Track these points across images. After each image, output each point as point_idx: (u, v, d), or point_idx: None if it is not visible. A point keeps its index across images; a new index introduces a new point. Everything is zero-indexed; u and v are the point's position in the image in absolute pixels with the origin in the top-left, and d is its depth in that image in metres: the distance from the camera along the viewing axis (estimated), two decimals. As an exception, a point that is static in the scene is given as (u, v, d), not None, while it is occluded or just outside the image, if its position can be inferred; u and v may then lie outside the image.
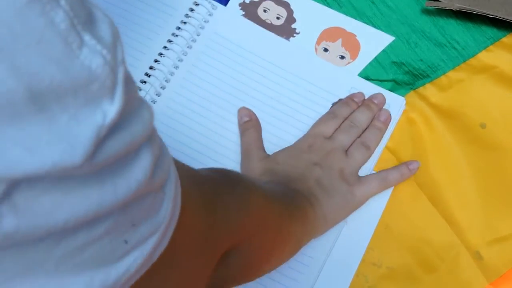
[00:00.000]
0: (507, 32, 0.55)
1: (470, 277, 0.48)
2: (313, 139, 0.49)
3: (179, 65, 0.52)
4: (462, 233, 0.50)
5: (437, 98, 0.53)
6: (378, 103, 0.51)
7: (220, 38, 0.53)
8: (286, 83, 0.53)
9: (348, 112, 0.50)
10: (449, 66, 0.54)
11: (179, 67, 0.52)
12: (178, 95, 0.52)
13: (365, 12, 0.55)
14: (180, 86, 0.52)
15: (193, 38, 0.53)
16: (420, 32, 0.55)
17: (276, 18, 0.55)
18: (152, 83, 0.52)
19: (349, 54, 0.54)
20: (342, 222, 0.48)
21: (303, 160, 0.48)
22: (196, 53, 0.53)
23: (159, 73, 0.52)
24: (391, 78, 0.54)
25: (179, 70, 0.52)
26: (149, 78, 0.52)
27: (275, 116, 0.52)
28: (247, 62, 0.53)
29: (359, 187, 0.48)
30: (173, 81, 0.52)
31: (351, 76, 0.53)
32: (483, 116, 0.53)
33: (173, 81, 0.52)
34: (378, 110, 0.51)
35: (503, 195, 0.51)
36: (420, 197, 0.51)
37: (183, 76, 0.52)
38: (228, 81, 0.52)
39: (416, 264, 0.49)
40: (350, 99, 0.51)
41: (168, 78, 0.52)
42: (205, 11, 0.54)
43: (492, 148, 0.52)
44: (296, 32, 0.54)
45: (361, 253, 0.49)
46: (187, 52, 0.53)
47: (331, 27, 0.54)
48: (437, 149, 0.52)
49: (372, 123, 0.51)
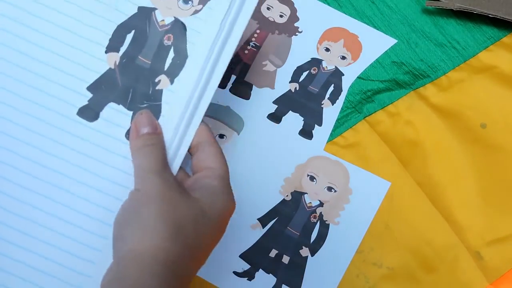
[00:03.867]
0: (507, 32, 0.55)
1: (470, 277, 0.49)
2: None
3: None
4: (462, 233, 0.50)
5: (437, 98, 0.53)
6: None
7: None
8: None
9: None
10: (449, 66, 0.54)
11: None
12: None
13: (365, 12, 0.55)
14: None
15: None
16: (420, 32, 0.55)
17: (279, 16, 0.55)
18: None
19: (351, 55, 0.54)
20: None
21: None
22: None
23: None
24: (391, 78, 0.54)
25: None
26: None
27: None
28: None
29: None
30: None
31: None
32: (483, 116, 0.53)
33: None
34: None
35: (503, 195, 0.51)
36: (420, 197, 0.51)
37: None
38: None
39: (416, 264, 0.49)
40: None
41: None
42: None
43: (492, 148, 0.52)
44: (298, 30, 0.55)
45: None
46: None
47: (334, 27, 0.54)
48: (437, 149, 0.52)
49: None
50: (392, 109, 0.53)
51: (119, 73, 0.37)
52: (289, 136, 0.52)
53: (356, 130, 0.52)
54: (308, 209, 0.50)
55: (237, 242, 0.49)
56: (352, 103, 0.53)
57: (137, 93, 0.37)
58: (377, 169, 0.51)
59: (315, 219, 0.50)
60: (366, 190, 0.51)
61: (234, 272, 0.49)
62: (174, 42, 0.37)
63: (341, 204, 0.50)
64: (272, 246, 0.50)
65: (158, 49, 0.37)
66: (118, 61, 0.37)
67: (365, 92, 0.53)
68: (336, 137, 0.52)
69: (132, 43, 0.37)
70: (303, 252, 0.50)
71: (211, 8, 0.37)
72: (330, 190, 0.51)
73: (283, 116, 0.52)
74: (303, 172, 0.51)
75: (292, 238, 0.50)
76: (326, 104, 0.53)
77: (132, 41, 0.37)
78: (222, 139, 0.51)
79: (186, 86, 0.37)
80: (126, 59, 0.37)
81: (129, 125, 0.37)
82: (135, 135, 0.36)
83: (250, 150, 0.51)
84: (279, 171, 0.51)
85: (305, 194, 0.51)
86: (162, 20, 0.37)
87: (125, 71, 0.37)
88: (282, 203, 0.50)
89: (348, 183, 0.51)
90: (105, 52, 0.37)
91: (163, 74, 0.37)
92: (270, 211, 0.50)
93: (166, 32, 0.37)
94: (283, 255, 0.50)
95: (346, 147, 0.52)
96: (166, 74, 0.37)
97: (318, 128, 0.52)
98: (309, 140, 0.52)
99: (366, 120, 0.53)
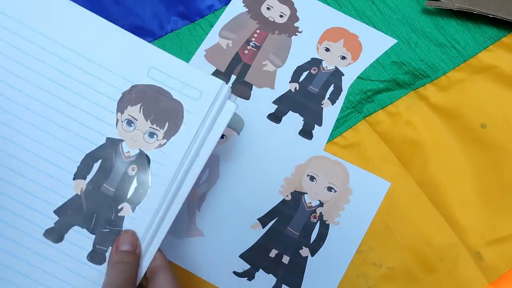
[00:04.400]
0: (507, 32, 0.55)
1: (470, 277, 0.49)
2: None
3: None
4: (462, 233, 0.50)
5: (437, 98, 0.53)
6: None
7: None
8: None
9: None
10: (449, 66, 0.54)
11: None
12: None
13: (365, 12, 0.55)
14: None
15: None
16: (420, 32, 0.55)
17: (279, 16, 0.55)
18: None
19: (351, 55, 0.54)
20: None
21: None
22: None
23: None
24: (391, 78, 0.54)
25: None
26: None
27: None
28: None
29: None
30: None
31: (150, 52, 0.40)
32: (483, 116, 0.53)
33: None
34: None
35: (503, 195, 0.51)
36: (420, 197, 0.51)
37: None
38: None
39: (416, 264, 0.49)
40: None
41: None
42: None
43: (492, 148, 0.52)
44: (298, 30, 0.55)
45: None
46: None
47: (334, 27, 0.55)
48: (437, 149, 0.52)
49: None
50: (392, 109, 0.53)
51: (84, 199, 0.39)
52: (289, 136, 0.52)
53: (356, 130, 0.52)
54: (308, 209, 0.50)
55: (237, 242, 0.49)
56: (352, 103, 0.53)
57: (100, 218, 0.39)
58: (377, 169, 0.51)
59: (315, 219, 0.50)
60: (366, 190, 0.51)
61: (234, 272, 0.49)
62: (138, 172, 0.39)
63: (341, 204, 0.50)
64: (272, 246, 0.50)
65: (123, 178, 0.39)
66: (85, 188, 0.39)
67: (365, 92, 0.53)
68: (336, 137, 0.52)
69: (99, 171, 0.39)
70: (303, 252, 0.50)
71: (173, 144, 0.39)
72: (330, 190, 0.51)
73: (283, 116, 0.52)
74: (303, 172, 0.51)
75: (292, 238, 0.50)
76: (326, 104, 0.53)
77: (98, 169, 0.39)
78: (222, 139, 0.51)
79: (146, 215, 0.39)
80: (92, 186, 0.39)
81: (91, 248, 0.39)
82: (115, 250, 0.38)
83: (250, 150, 0.51)
84: (279, 171, 0.51)
85: (305, 194, 0.51)
86: (127, 151, 0.39)
87: (90, 197, 0.39)
88: (282, 203, 0.50)
89: (348, 183, 0.51)
90: (73, 179, 0.39)
91: (126, 202, 0.39)
92: (270, 211, 0.50)
93: (130, 163, 0.39)
94: (283, 255, 0.50)
95: (346, 147, 0.52)
96: (129, 202, 0.39)
97: (318, 128, 0.52)
98: (309, 140, 0.52)
99: (366, 120, 0.53)
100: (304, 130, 0.52)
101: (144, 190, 0.39)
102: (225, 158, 0.51)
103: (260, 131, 0.52)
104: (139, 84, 0.40)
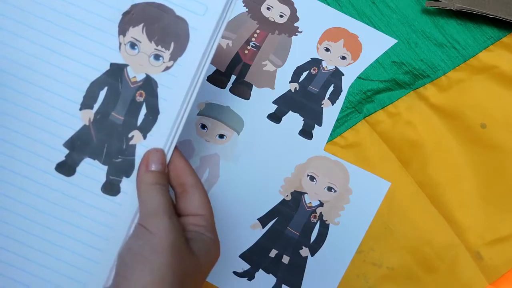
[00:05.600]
0: (507, 32, 0.55)
1: (470, 277, 0.49)
2: None
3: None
4: (462, 233, 0.50)
5: (437, 98, 0.53)
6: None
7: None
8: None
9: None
10: (449, 66, 0.54)
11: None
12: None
13: (365, 12, 0.55)
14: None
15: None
16: (420, 32, 0.55)
17: (279, 16, 0.55)
18: None
19: (351, 55, 0.54)
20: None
21: None
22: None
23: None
24: (391, 78, 0.54)
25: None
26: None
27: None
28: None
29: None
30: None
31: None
32: (483, 116, 0.53)
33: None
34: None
35: (503, 195, 0.51)
36: (420, 197, 0.51)
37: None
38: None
39: (416, 264, 0.49)
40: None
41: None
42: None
43: (492, 148, 0.52)
44: (298, 30, 0.55)
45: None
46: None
47: (334, 27, 0.55)
48: (437, 149, 0.52)
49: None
50: (392, 109, 0.53)
51: (93, 130, 0.38)
52: (289, 136, 0.52)
53: (356, 130, 0.52)
54: (308, 209, 0.50)
55: (237, 242, 0.49)
56: (352, 103, 0.53)
57: (111, 148, 0.38)
58: (377, 169, 0.51)
59: (315, 219, 0.50)
60: (366, 190, 0.51)
61: (234, 272, 0.49)
62: (146, 98, 0.38)
63: (341, 204, 0.50)
64: (272, 246, 0.50)
65: (131, 105, 0.38)
66: (92, 118, 0.38)
67: (365, 92, 0.53)
68: (336, 137, 0.52)
69: (105, 99, 0.38)
70: (303, 252, 0.50)
71: (181, 65, 0.38)
72: (330, 190, 0.51)
73: (283, 116, 0.52)
74: (303, 172, 0.51)
75: (292, 238, 0.50)
76: (326, 104, 0.53)
77: (105, 97, 0.38)
78: (222, 139, 0.51)
79: (158, 141, 0.38)
80: (100, 116, 0.38)
81: (104, 179, 0.38)
82: (145, 168, 0.36)
83: (250, 150, 0.51)
84: (279, 171, 0.51)
85: (305, 194, 0.51)
86: (133, 76, 0.38)
87: (99, 127, 0.38)
88: (282, 203, 0.50)
89: (348, 183, 0.51)
90: (80, 109, 0.38)
91: (136, 130, 0.38)
92: (270, 211, 0.50)
93: (138, 89, 0.38)
94: (283, 255, 0.50)
95: (346, 147, 0.52)
96: (139, 129, 0.38)
97: (318, 128, 0.52)
98: (309, 140, 0.52)
99: (366, 120, 0.53)
100: (304, 130, 0.52)
101: (154, 116, 0.38)
102: (225, 158, 0.51)
103: (260, 131, 0.52)
104: (139, 2, 0.38)
